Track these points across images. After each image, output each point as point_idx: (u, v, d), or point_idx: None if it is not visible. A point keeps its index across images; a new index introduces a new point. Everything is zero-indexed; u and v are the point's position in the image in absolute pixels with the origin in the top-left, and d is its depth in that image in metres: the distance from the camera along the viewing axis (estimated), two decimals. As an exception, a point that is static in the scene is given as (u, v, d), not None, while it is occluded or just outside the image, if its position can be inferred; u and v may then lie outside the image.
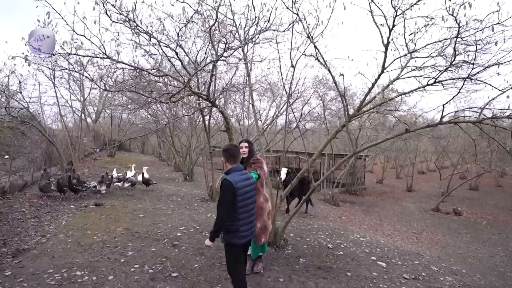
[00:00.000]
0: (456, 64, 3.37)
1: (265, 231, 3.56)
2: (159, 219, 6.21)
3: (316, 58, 4.25)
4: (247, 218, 2.69)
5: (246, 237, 2.69)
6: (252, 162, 3.57)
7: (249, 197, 2.72)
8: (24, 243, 4.59)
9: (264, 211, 3.55)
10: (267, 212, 3.60)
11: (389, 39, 3.74)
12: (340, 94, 4.19)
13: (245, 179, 2.69)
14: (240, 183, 2.60)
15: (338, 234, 6.36)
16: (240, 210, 2.61)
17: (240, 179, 2.62)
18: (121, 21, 2.82)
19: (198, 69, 3.19)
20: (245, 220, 2.67)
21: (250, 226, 2.73)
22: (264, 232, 3.55)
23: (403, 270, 4.55)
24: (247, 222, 2.69)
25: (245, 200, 2.67)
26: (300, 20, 3.71)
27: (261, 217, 3.50)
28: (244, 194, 2.64)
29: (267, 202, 3.65)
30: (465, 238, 9.57)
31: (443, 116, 3.46)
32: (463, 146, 18.49)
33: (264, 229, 3.55)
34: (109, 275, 3.58)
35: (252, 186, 2.77)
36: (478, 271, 6.04)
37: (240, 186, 2.59)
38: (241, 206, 2.61)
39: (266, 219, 3.57)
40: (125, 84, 3.27)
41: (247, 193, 2.68)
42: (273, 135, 14.21)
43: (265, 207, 3.59)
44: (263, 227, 3.53)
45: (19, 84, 7.81)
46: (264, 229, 3.55)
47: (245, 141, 3.67)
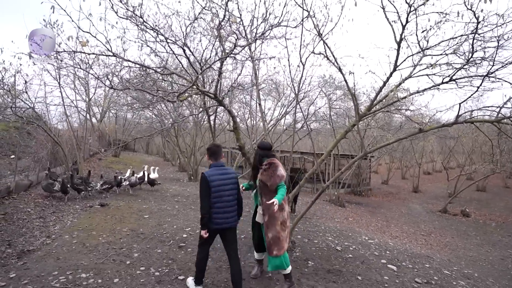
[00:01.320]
0: (474, 61, 3.24)
1: (277, 243, 3.21)
2: (165, 219, 6.15)
3: (325, 56, 4.15)
4: (222, 208, 3.07)
5: (219, 224, 3.07)
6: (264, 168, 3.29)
7: (225, 190, 3.09)
8: (29, 244, 4.55)
9: (276, 220, 3.23)
10: (280, 221, 3.24)
11: (402, 36, 3.62)
12: (350, 93, 4.08)
13: (221, 173, 3.11)
14: (214, 177, 3.04)
15: (346, 236, 6.25)
16: (214, 200, 3.02)
17: (216, 174, 3.07)
18: (127, 17, 2.75)
19: (207, 67, 3.10)
20: (219, 209, 3.06)
21: (225, 216, 3.10)
22: (276, 244, 3.21)
23: (415, 274, 4.43)
24: (221, 212, 3.07)
25: (220, 192, 3.05)
26: (310, 17, 3.60)
27: (273, 227, 3.22)
28: (218, 186, 3.04)
29: (281, 210, 3.27)
30: (474, 241, 9.38)
31: (458, 116, 3.34)
32: (471, 147, 18.21)
33: (277, 240, 3.21)
34: (114, 278, 3.51)
35: (229, 181, 3.13)
36: (491, 275, 5.88)
37: (214, 179, 3.02)
38: (215, 196, 3.02)
39: (279, 230, 3.22)
40: (131, 83, 3.20)
41: (222, 186, 3.06)
42: (277, 135, 14.09)
43: (278, 216, 3.24)
44: (275, 238, 3.22)
45: (25, 84, 7.81)
46: (277, 240, 3.21)
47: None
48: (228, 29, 3.30)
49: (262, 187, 3.34)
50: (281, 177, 3.22)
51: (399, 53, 3.78)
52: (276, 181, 3.20)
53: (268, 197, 3.25)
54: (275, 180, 3.20)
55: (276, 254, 3.22)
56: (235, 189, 3.20)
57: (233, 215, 3.18)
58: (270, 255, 3.26)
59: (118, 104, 15.13)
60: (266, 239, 3.27)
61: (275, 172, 3.22)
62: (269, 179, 3.23)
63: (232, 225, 3.17)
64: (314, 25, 3.65)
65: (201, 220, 3.05)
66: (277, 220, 3.23)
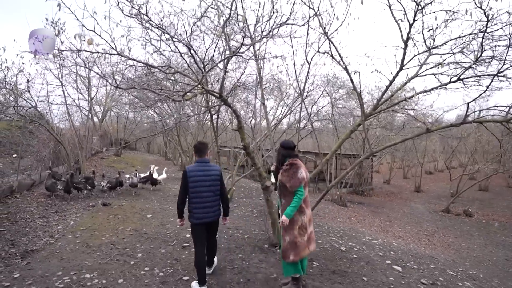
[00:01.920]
0: (483, 60, 3.20)
1: (294, 247, 3.06)
2: (167, 219, 6.12)
3: (331, 55, 4.11)
4: (200, 203, 3.19)
5: (200, 219, 3.20)
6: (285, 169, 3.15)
7: (203, 186, 3.19)
8: (32, 243, 4.53)
9: (294, 224, 3.07)
10: (298, 226, 3.07)
11: (409, 35, 3.58)
12: (356, 92, 4.04)
13: (201, 170, 3.21)
14: (194, 173, 3.16)
15: (350, 236, 6.22)
16: (192, 195, 3.17)
17: (196, 169, 3.19)
18: (133, 15, 2.71)
19: (212, 66, 3.07)
20: (198, 204, 3.19)
21: (205, 211, 3.21)
22: (293, 249, 3.06)
23: (420, 275, 4.39)
24: (201, 207, 3.19)
25: (198, 187, 3.17)
26: (317, 15, 3.56)
27: (291, 231, 3.08)
28: (196, 182, 3.16)
29: (300, 214, 3.10)
30: (478, 241, 9.33)
31: (467, 115, 3.29)
32: (473, 146, 18.13)
33: (293, 245, 3.06)
34: (119, 278, 3.49)
35: (209, 177, 3.22)
36: (496, 276, 5.84)
37: (193, 175, 3.15)
38: (193, 191, 3.16)
39: (297, 234, 3.06)
40: (136, 82, 3.16)
41: (200, 182, 3.17)
42: (278, 134, 14.06)
43: (296, 220, 3.07)
44: (292, 243, 3.07)
45: (27, 83, 7.79)
46: (293, 245, 3.06)
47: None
48: (234, 27, 3.27)
49: (282, 188, 3.21)
50: (301, 179, 3.06)
51: (406, 52, 3.74)
52: (296, 184, 3.04)
53: (288, 198, 3.13)
54: (295, 182, 3.04)
55: (293, 260, 3.08)
56: (216, 186, 3.27)
57: (214, 210, 3.28)
58: (284, 260, 3.13)
59: (121, 103, 15.11)
60: (283, 243, 3.13)
61: (296, 174, 3.07)
62: (289, 180, 3.08)
63: (213, 220, 3.30)
64: (320, 23, 3.61)
65: (177, 210, 3.31)
66: (295, 224, 3.08)
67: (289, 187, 3.06)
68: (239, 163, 10.36)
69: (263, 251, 4.54)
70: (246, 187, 11.83)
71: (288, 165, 3.15)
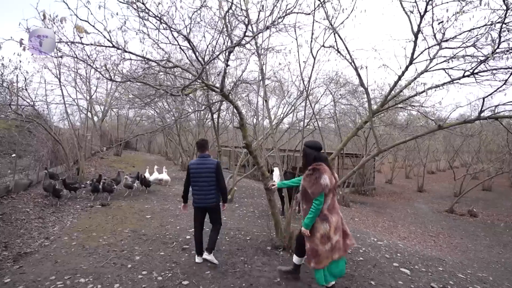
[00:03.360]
0: (503, 52, 3.02)
1: (315, 255, 2.93)
2: (167, 220, 5.96)
3: (336, 50, 3.93)
4: (198, 191, 3.79)
5: (197, 203, 3.82)
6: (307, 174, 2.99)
7: (201, 177, 3.77)
8: (26, 246, 4.37)
9: (315, 232, 2.92)
10: (319, 233, 2.90)
11: (420, 27, 3.40)
12: (363, 88, 3.86)
13: (200, 163, 3.80)
14: (193, 165, 3.81)
15: (354, 237, 6.02)
16: (192, 184, 3.82)
17: (195, 163, 3.82)
18: (129, 2, 2.55)
19: (213, 57, 2.91)
20: (196, 191, 3.80)
21: (201, 197, 3.80)
22: (313, 256, 2.93)
23: (430, 278, 4.22)
24: (198, 194, 3.79)
25: (196, 177, 3.78)
26: (322, 6, 3.39)
27: (312, 238, 2.94)
28: (194, 173, 3.77)
29: (323, 222, 2.92)
30: (484, 242, 9.15)
31: (482, 111, 3.12)
32: (478, 145, 17.93)
33: (314, 252, 2.93)
34: (115, 283, 3.32)
35: (205, 169, 3.77)
36: (506, 278, 5.66)
37: (192, 167, 3.80)
38: (192, 181, 3.81)
39: (318, 242, 2.91)
40: (133, 75, 3.00)
41: (198, 173, 3.77)
42: (280, 133, 13.87)
43: (318, 227, 2.91)
44: (312, 250, 2.94)
45: (24, 81, 7.64)
46: (314, 252, 2.93)
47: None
48: (236, 18, 3.11)
49: (304, 192, 3.05)
50: (324, 186, 2.86)
51: (416, 45, 3.56)
52: (318, 190, 2.86)
53: (309, 204, 2.98)
54: (317, 189, 2.86)
55: (314, 267, 2.96)
56: (211, 177, 3.77)
57: (209, 197, 3.80)
58: (308, 265, 3.03)
59: (120, 101, 14.92)
60: (306, 248, 3.03)
61: (319, 180, 2.87)
62: (311, 186, 2.91)
63: (209, 205, 3.82)
64: (326, 14, 3.44)
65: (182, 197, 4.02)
66: (316, 231, 2.91)
67: (311, 193, 2.90)
68: (241, 163, 10.19)
69: (266, 254, 4.37)
70: (247, 187, 11.66)
71: (311, 169, 2.96)
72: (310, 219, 2.89)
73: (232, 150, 18.00)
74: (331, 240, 2.94)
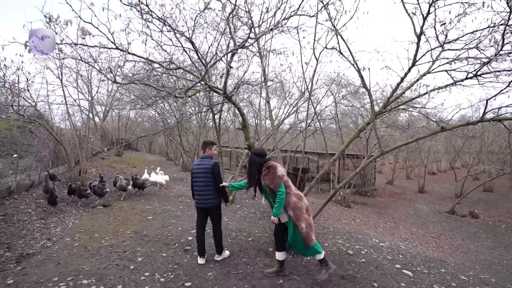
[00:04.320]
0: (506, 54, 3.01)
1: (311, 228, 3.37)
2: (169, 221, 5.96)
3: (339, 51, 3.93)
4: (198, 191, 3.88)
5: (198, 203, 3.92)
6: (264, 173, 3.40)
7: (198, 177, 3.86)
8: (28, 247, 4.37)
9: (302, 209, 3.37)
10: (305, 209, 3.41)
11: (422, 29, 3.40)
12: (366, 89, 3.86)
13: (199, 164, 3.91)
14: (194, 166, 3.94)
15: (356, 239, 6.03)
16: (193, 184, 3.93)
17: (195, 164, 3.95)
18: (132, 5, 2.55)
19: (216, 60, 2.91)
20: (196, 192, 3.90)
21: (199, 198, 3.89)
22: (311, 229, 3.37)
23: (432, 280, 4.21)
24: (198, 194, 3.89)
25: (195, 178, 3.89)
26: (325, 8, 3.39)
27: (302, 217, 3.34)
28: (194, 174, 3.90)
29: (301, 199, 3.43)
30: (486, 243, 9.12)
31: (485, 113, 3.12)
32: (479, 146, 17.88)
33: (309, 226, 3.36)
34: (117, 284, 3.32)
35: (201, 170, 3.84)
36: (508, 280, 5.64)
37: (193, 168, 3.94)
38: (193, 182, 3.92)
39: (307, 217, 3.39)
40: (136, 78, 3.01)
41: (196, 174, 3.88)
42: (281, 134, 13.87)
43: (301, 206, 3.38)
44: (308, 225, 3.35)
45: (27, 82, 7.65)
46: (309, 226, 3.36)
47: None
48: (239, 20, 3.11)
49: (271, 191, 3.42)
50: (282, 176, 3.33)
51: (419, 47, 3.56)
52: (279, 182, 3.30)
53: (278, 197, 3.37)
54: (277, 182, 3.30)
55: (315, 239, 3.35)
56: (207, 177, 3.82)
57: (207, 198, 3.85)
58: (310, 244, 3.31)
59: (122, 102, 14.95)
60: (301, 231, 3.31)
61: (276, 173, 3.32)
62: (272, 182, 3.32)
63: (208, 206, 3.87)
64: (328, 16, 3.44)
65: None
66: (302, 209, 3.36)
67: (273, 188, 3.31)
68: (242, 164, 10.19)
69: (268, 255, 4.36)
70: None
71: (266, 168, 3.38)
72: (277, 208, 3.30)
73: (233, 151, 18.00)
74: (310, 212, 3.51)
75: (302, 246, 3.41)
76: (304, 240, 3.32)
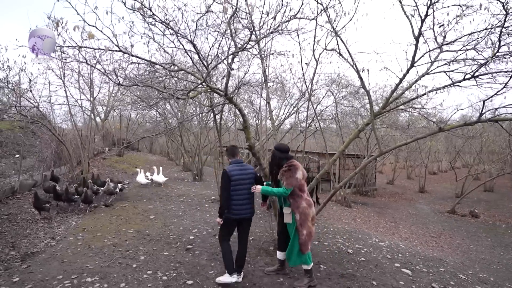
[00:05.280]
0: (502, 56, 3.07)
1: (310, 238, 3.37)
2: (170, 220, 6.02)
3: (338, 53, 3.99)
4: (239, 200, 3.37)
5: (238, 214, 3.39)
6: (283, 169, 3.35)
7: (242, 184, 3.39)
8: (33, 245, 4.44)
9: (308, 216, 3.34)
10: (311, 217, 3.38)
11: (421, 31, 3.45)
12: (365, 90, 3.91)
13: (241, 169, 3.43)
14: (235, 172, 3.36)
15: (356, 238, 6.08)
16: (233, 193, 3.34)
17: (236, 169, 3.39)
18: (136, 9, 2.61)
19: (218, 62, 2.97)
20: (237, 201, 3.36)
21: (242, 208, 3.40)
22: (310, 239, 3.36)
23: (431, 279, 4.26)
24: (239, 204, 3.37)
25: (238, 185, 3.36)
26: (325, 11, 3.44)
27: (306, 223, 3.31)
28: (237, 180, 3.35)
29: (310, 206, 3.40)
30: (486, 242, 9.16)
31: (482, 114, 3.16)
32: (480, 146, 17.89)
33: (310, 236, 3.36)
34: (121, 282, 3.39)
35: (247, 176, 3.43)
36: (507, 279, 5.69)
37: (234, 174, 3.35)
38: (234, 189, 3.34)
39: (311, 225, 3.37)
40: (139, 79, 3.07)
41: (240, 180, 3.37)
42: (281, 134, 13.92)
43: (308, 213, 3.35)
44: (308, 234, 3.34)
45: (29, 83, 7.71)
46: (310, 236, 3.36)
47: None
48: (240, 22, 3.17)
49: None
50: (298, 179, 3.27)
51: (417, 49, 3.61)
52: (292, 183, 3.25)
53: (294, 196, 3.34)
54: (291, 182, 3.25)
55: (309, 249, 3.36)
56: (251, 184, 3.45)
57: (248, 207, 3.45)
58: (304, 252, 3.32)
59: (123, 103, 15.01)
60: (300, 237, 3.31)
61: (294, 175, 3.27)
62: (286, 179, 3.29)
63: (248, 216, 3.47)
64: (328, 18, 3.49)
65: (219, 209, 3.40)
66: (308, 216, 3.33)
67: (285, 185, 3.26)
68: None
69: (269, 254, 4.42)
70: (249, 188, 11.69)
71: (288, 166, 3.34)
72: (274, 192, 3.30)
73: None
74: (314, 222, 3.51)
75: (295, 251, 3.38)
76: (300, 247, 3.32)
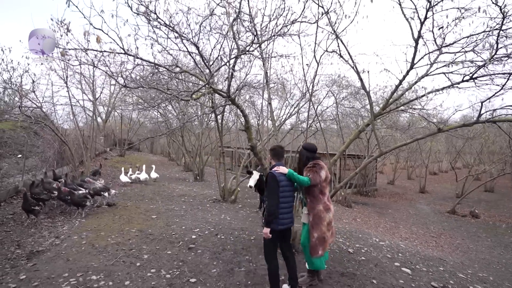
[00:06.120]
0: (500, 59, 3.12)
1: (322, 242, 3.25)
2: (173, 220, 6.08)
3: (339, 55, 4.05)
4: (286, 208, 3.08)
5: (283, 224, 3.06)
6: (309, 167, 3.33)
7: (288, 191, 3.10)
8: (38, 244, 4.50)
9: (322, 220, 3.25)
10: (326, 222, 3.27)
11: (421, 33, 3.51)
12: (365, 91, 3.97)
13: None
14: (281, 177, 3.04)
15: (357, 238, 6.14)
16: (280, 199, 3.02)
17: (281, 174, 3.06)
18: (141, 13, 2.68)
19: (221, 65, 3.03)
20: (284, 209, 3.06)
21: (287, 216, 3.10)
22: (321, 244, 3.24)
23: (430, 278, 4.31)
24: (286, 212, 3.08)
25: (284, 192, 3.06)
26: (326, 14, 3.50)
27: (319, 226, 3.23)
28: (283, 187, 3.05)
29: (327, 211, 3.29)
30: (486, 242, 9.20)
31: (480, 115, 3.22)
32: (480, 147, 17.92)
33: (322, 240, 3.24)
34: (125, 280, 3.45)
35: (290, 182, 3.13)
36: (506, 279, 5.73)
37: (282, 179, 3.04)
38: (281, 197, 3.02)
39: (325, 230, 3.25)
40: (145, 81, 3.13)
41: (286, 187, 3.07)
42: (282, 135, 13.96)
43: (324, 217, 3.26)
44: (320, 238, 3.23)
45: (33, 84, 7.79)
46: (322, 240, 3.24)
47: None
48: (242, 26, 3.23)
49: (306, 188, 3.36)
50: (321, 178, 3.25)
51: (417, 51, 3.66)
52: (316, 180, 3.23)
53: (311, 197, 3.33)
54: (316, 178, 3.22)
55: (321, 254, 3.26)
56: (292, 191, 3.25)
57: (292, 216, 3.22)
58: (313, 256, 3.27)
59: (125, 103, 15.09)
60: (311, 239, 3.28)
61: (318, 173, 3.25)
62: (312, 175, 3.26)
63: (291, 226, 3.25)
64: (329, 21, 3.55)
65: (268, 217, 2.95)
66: (323, 220, 3.25)
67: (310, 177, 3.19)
68: (244, 164, 10.31)
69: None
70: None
71: (313, 164, 3.32)
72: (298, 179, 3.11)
73: (235, 151, 18.14)
74: (332, 227, 3.37)
75: (306, 252, 3.41)
76: (310, 249, 3.29)
